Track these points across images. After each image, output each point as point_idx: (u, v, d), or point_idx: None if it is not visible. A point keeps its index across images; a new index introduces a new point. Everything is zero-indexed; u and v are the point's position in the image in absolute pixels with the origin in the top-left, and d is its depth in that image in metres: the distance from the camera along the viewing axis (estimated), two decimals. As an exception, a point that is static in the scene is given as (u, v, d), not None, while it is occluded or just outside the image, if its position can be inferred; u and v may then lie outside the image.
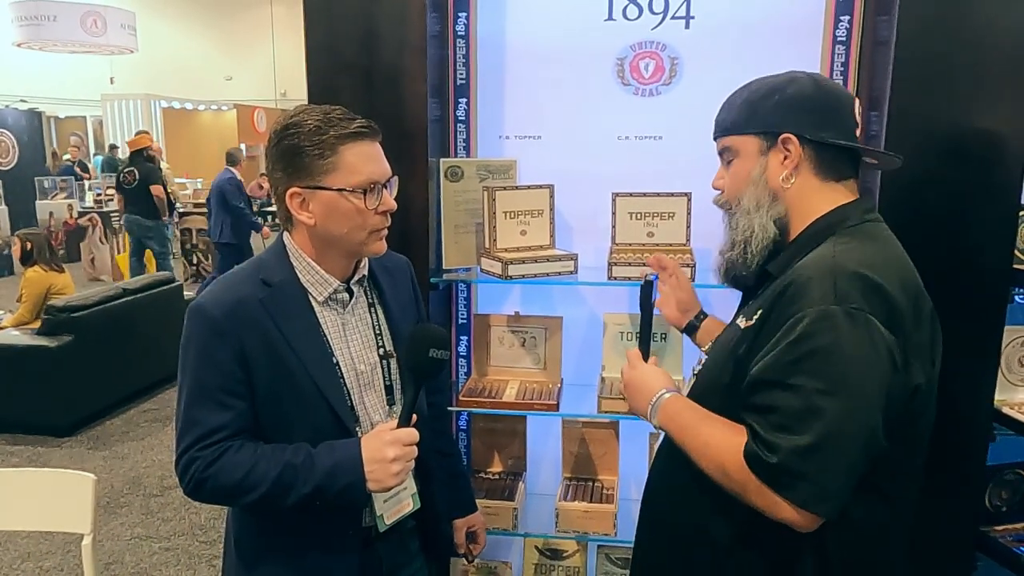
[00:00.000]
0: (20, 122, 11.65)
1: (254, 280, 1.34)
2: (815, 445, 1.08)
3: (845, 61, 2.01)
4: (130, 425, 4.82)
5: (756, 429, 1.13)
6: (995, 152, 1.74)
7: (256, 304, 1.31)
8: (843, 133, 1.26)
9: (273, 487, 1.27)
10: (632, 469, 2.33)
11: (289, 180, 1.31)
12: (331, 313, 1.39)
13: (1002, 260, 1.78)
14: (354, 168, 1.29)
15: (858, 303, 1.10)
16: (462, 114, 2.23)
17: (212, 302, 1.31)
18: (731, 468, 1.15)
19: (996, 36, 1.71)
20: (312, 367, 1.32)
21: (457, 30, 2.17)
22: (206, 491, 1.30)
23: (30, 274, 5.11)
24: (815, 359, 1.09)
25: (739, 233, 1.29)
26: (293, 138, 1.29)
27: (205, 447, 1.28)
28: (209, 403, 1.29)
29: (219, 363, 1.29)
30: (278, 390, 1.31)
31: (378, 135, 1.34)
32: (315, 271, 1.37)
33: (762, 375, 1.14)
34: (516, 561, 2.35)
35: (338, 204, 1.30)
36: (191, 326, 1.32)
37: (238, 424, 1.30)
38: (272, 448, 1.30)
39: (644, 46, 2.13)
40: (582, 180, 2.17)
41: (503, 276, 1.97)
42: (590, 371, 2.25)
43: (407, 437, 1.30)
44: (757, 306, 1.23)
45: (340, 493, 1.28)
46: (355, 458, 1.28)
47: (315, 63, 1.97)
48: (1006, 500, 2.01)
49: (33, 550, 3.34)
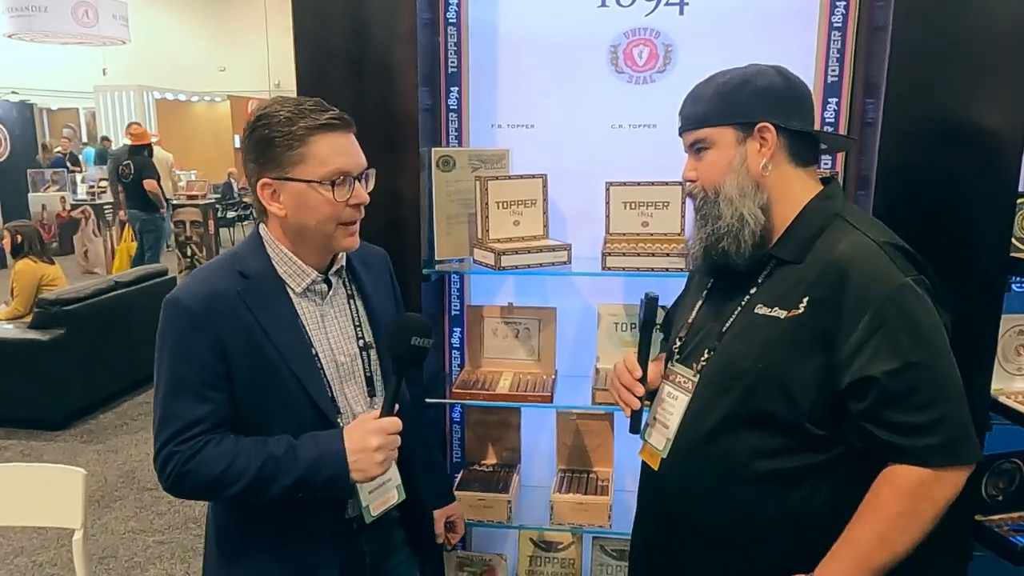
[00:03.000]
0: (12, 114, 11.56)
1: (230, 272, 1.33)
2: (958, 402, 1.18)
3: (841, 47, 1.99)
4: (124, 418, 4.80)
5: (900, 422, 1.17)
6: (993, 139, 1.73)
7: (234, 296, 1.30)
8: (808, 120, 1.32)
9: (255, 479, 1.26)
10: (627, 461, 2.32)
11: (260, 171, 1.30)
12: (309, 304, 1.38)
13: (999, 248, 1.77)
14: (323, 159, 1.28)
15: (914, 271, 1.21)
16: (453, 103, 2.20)
17: (188, 294, 1.29)
18: (906, 500, 1.18)
19: (994, 22, 1.69)
20: (291, 358, 1.31)
21: (448, 17, 2.15)
22: (186, 486, 1.28)
23: (20, 266, 5.08)
24: (919, 332, 1.17)
25: (726, 223, 1.29)
26: (264, 129, 1.29)
27: (184, 441, 1.26)
28: (187, 396, 1.27)
29: (197, 355, 1.27)
30: (258, 382, 1.30)
31: (351, 127, 1.33)
32: (292, 261, 1.36)
33: (887, 365, 1.16)
34: (511, 553, 2.34)
35: (307, 196, 1.29)
36: (167, 319, 1.30)
37: (217, 417, 1.29)
38: (253, 440, 1.29)
39: (638, 33, 2.10)
40: (576, 169, 2.15)
41: (496, 267, 1.95)
42: (584, 362, 2.23)
43: (390, 426, 1.30)
44: (794, 293, 1.23)
45: (324, 484, 1.28)
46: (338, 448, 1.28)
47: (303, 51, 1.94)
48: (1002, 489, 2.00)
49: (26, 545, 3.32)
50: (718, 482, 1.30)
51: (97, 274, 8.67)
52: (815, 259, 1.24)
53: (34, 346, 4.52)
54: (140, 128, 8.10)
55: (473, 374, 2.25)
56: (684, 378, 1.37)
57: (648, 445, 1.43)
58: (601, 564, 2.28)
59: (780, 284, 1.27)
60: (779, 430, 1.24)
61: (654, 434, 1.42)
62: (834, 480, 1.25)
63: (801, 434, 1.23)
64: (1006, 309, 1.84)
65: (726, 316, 1.33)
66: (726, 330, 1.32)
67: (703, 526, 1.33)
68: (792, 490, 1.25)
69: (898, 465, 1.19)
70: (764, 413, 1.25)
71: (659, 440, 1.39)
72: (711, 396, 1.31)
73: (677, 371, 1.39)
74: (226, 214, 11.60)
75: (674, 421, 1.36)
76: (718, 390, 1.30)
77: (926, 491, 1.17)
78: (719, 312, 1.35)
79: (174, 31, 16.63)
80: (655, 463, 1.40)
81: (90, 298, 4.84)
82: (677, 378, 1.39)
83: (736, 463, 1.28)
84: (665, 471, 1.38)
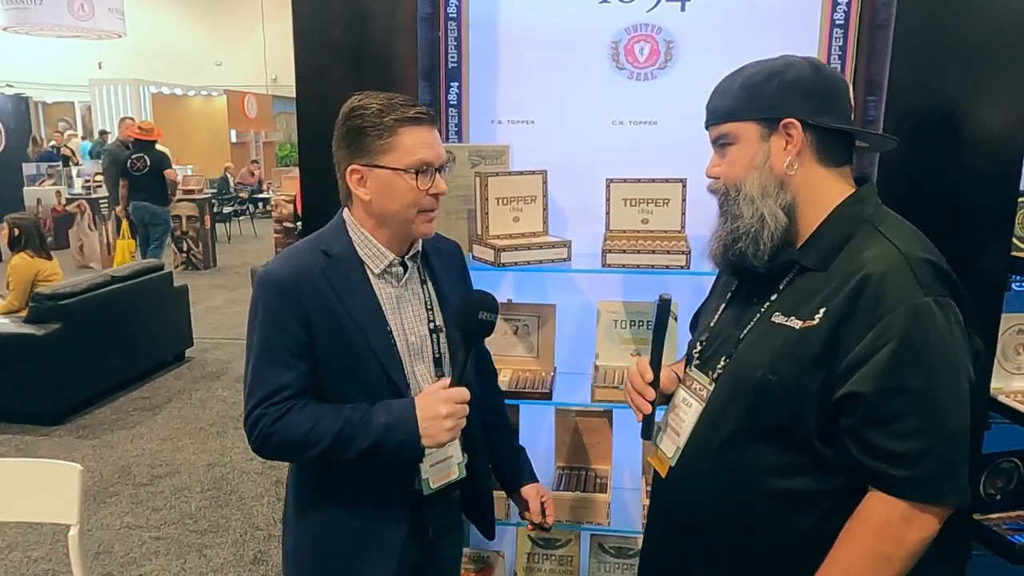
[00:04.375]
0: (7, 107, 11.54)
1: (315, 251, 1.43)
2: (951, 439, 1.10)
3: (843, 44, 1.98)
4: (120, 414, 4.78)
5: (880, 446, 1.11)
6: (994, 137, 1.73)
7: (317, 273, 1.40)
8: (841, 117, 1.24)
9: (334, 442, 1.35)
10: (626, 458, 2.32)
11: (350, 158, 1.40)
12: (386, 285, 1.47)
13: (1000, 247, 1.77)
14: (409, 150, 1.38)
15: (939, 290, 1.13)
16: (453, 98, 2.19)
17: (278, 270, 1.41)
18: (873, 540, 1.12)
19: (996, 19, 1.69)
20: (369, 334, 1.41)
21: (448, 12, 2.13)
22: (272, 445, 1.38)
23: (16, 260, 5.04)
24: (926, 357, 1.10)
25: (745, 222, 1.23)
26: (357, 119, 1.38)
27: (272, 404, 1.36)
28: (276, 363, 1.38)
29: (285, 325, 1.38)
30: (337, 354, 1.40)
31: (436, 122, 1.43)
32: (372, 244, 1.45)
33: (879, 384, 1.10)
34: (509, 551, 2.34)
35: (392, 182, 1.38)
36: (259, 292, 1.41)
37: (301, 383, 1.39)
38: (333, 407, 1.38)
39: (639, 29, 2.10)
40: (576, 166, 2.14)
41: (496, 263, 1.94)
42: (583, 359, 2.23)
43: (459, 395, 1.38)
44: (811, 304, 1.17)
45: (396, 448, 1.36)
46: (410, 415, 1.36)
47: (303, 45, 1.93)
48: (1000, 488, 2.00)
49: (21, 540, 3.31)
50: (724, 497, 1.25)
51: (93, 268, 8.65)
52: (838, 268, 1.17)
53: (29, 341, 4.50)
54: (149, 124, 8.12)
55: (472, 371, 2.24)
56: (700, 385, 1.32)
57: (658, 451, 1.39)
58: (599, 562, 2.28)
59: (800, 292, 1.21)
60: (788, 446, 1.19)
61: (665, 440, 1.37)
62: (845, 511, 1.16)
63: (809, 452, 1.18)
64: (1006, 308, 1.84)
65: (745, 323, 1.27)
66: (743, 337, 1.26)
67: (704, 539, 1.29)
68: (800, 514, 1.20)
69: (874, 495, 1.13)
70: (773, 427, 1.19)
71: (669, 447, 1.35)
72: (723, 406, 1.26)
73: (694, 377, 1.35)
74: (222, 209, 11.58)
75: (686, 429, 1.32)
76: (730, 400, 1.25)
77: (891, 530, 1.11)
78: (739, 318, 1.30)
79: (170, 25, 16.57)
80: (663, 470, 1.36)
81: (86, 293, 4.82)
82: (693, 384, 1.34)
83: (744, 479, 1.22)
84: (672, 479, 1.33)
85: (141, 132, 7.85)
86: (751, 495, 1.22)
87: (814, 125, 1.21)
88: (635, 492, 2.30)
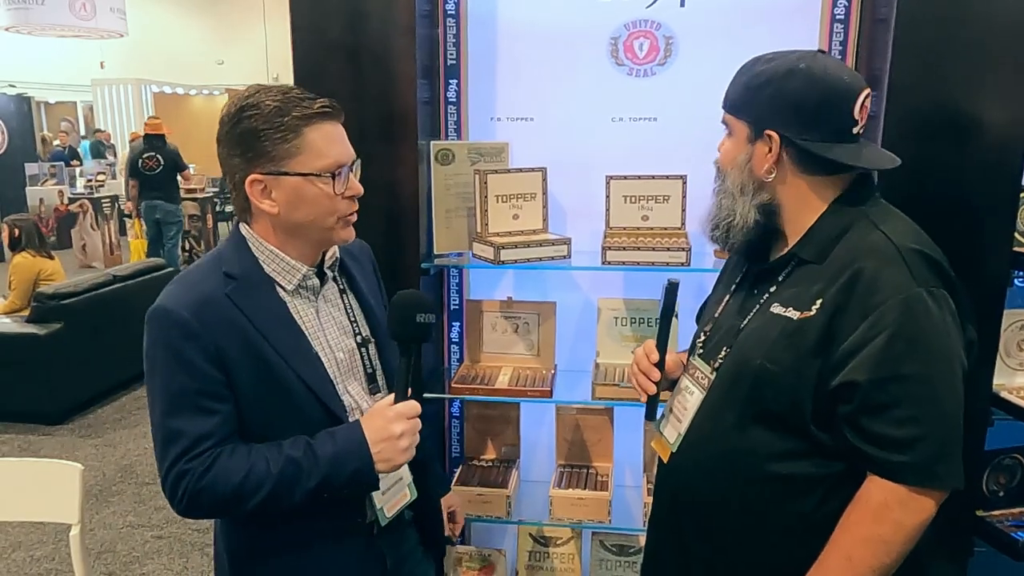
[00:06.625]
0: (9, 108, 11.53)
1: (216, 274, 1.24)
2: (946, 424, 1.13)
3: (844, 40, 1.98)
4: (122, 413, 4.79)
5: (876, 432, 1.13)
6: (996, 133, 1.71)
7: (223, 299, 1.22)
8: (832, 133, 1.22)
9: (276, 486, 1.18)
10: (627, 456, 2.31)
11: (249, 166, 1.21)
12: (302, 302, 1.31)
13: (1002, 243, 1.76)
14: (320, 151, 1.21)
15: (932, 281, 1.15)
16: (452, 95, 2.18)
17: (175, 302, 1.20)
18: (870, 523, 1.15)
19: (997, 14, 1.67)
20: (292, 359, 1.24)
21: (447, 9, 2.13)
22: (203, 504, 1.20)
23: (18, 260, 5.05)
24: (919, 345, 1.12)
25: (722, 214, 1.30)
26: (251, 120, 1.19)
27: (193, 457, 1.18)
28: (189, 411, 1.18)
29: (194, 367, 1.18)
30: (261, 387, 1.23)
31: (341, 115, 1.26)
32: (280, 259, 1.28)
33: (875, 373, 1.12)
34: (510, 549, 2.34)
35: (304, 190, 1.22)
36: (154, 331, 1.21)
37: (225, 429, 1.20)
38: (267, 446, 1.21)
39: (638, 25, 2.09)
40: (575, 163, 2.13)
41: (495, 261, 1.94)
42: (584, 357, 2.22)
43: (410, 410, 1.24)
44: (808, 295, 1.20)
45: (348, 479, 1.21)
46: (359, 440, 1.21)
47: (301, 44, 1.92)
48: (1003, 485, 1.99)
49: (24, 539, 3.31)
50: (724, 481, 1.28)
51: (95, 268, 8.65)
52: (834, 260, 1.20)
53: (32, 340, 4.50)
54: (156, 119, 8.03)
55: (472, 369, 2.24)
56: (702, 374, 1.35)
57: (661, 437, 1.43)
58: (600, 559, 2.28)
59: (798, 284, 1.24)
60: (786, 432, 1.22)
61: (668, 426, 1.41)
62: (843, 496, 1.20)
63: (806, 438, 1.21)
64: (1008, 304, 1.83)
65: (745, 313, 1.31)
66: (743, 327, 1.30)
67: (705, 521, 1.33)
68: (799, 498, 1.23)
69: (872, 481, 1.16)
70: (771, 414, 1.23)
71: (671, 433, 1.39)
72: (724, 394, 1.29)
73: (696, 365, 1.38)
74: (224, 208, 11.57)
75: (687, 416, 1.35)
76: (730, 388, 1.28)
77: (890, 514, 1.14)
78: (741, 309, 1.34)
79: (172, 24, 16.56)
80: (665, 456, 1.40)
81: (88, 292, 4.82)
82: (696, 373, 1.37)
83: (744, 464, 1.26)
84: (673, 465, 1.38)
85: (149, 127, 7.79)
86: (751, 479, 1.25)
87: (794, 142, 1.22)
88: (636, 490, 2.30)
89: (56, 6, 11.02)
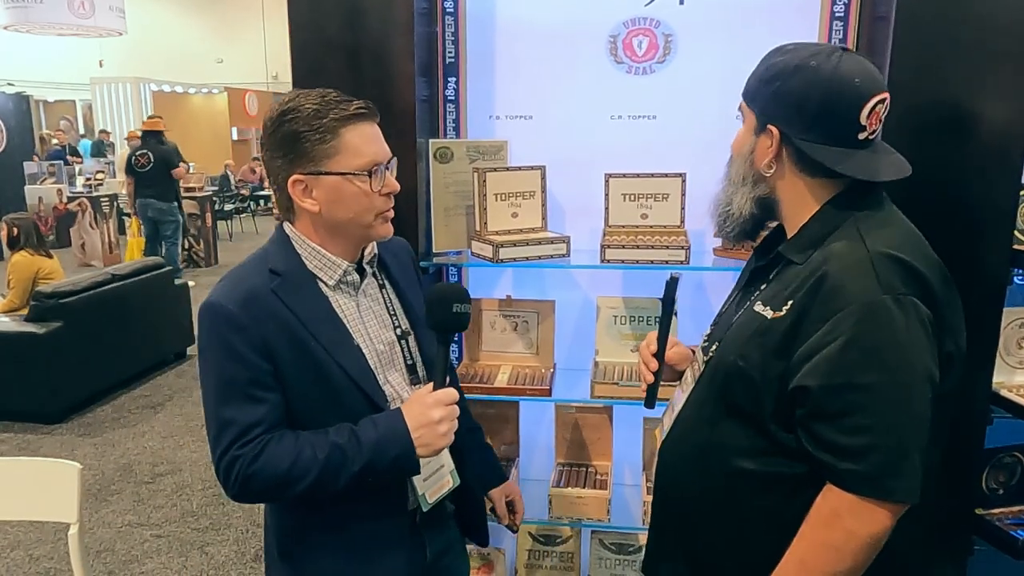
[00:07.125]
0: (8, 106, 11.52)
1: (262, 270, 1.31)
2: (901, 437, 1.10)
3: (843, 38, 1.97)
4: (121, 412, 4.79)
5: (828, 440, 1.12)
6: (996, 131, 1.71)
7: (268, 294, 1.28)
8: (833, 136, 1.20)
9: (322, 472, 1.24)
10: (626, 454, 2.31)
11: (291, 167, 1.27)
12: (343, 297, 1.37)
13: (1002, 241, 1.75)
14: (357, 150, 1.27)
15: (901, 288, 1.11)
16: (451, 94, 2.18)
17: (225, 297, 1.27)
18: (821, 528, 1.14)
19: (997, 12, 1.67)
20: (336, 352, 1.30)
21: (446, 7, 2.12)
22: (254, 488, 1.25)
23: (16, 259, 5.05)
24: (877, 353, 1.10)
25: (722, 202, 1.32)
26: (291, 124, 1.26)
27: (244, 444, 1.24)
28: (239, 400, 1.25)
29: (243, 358, 1.25)
30: (306, 378, 1.29)
31: (376, 116, 1.32)
32: (322, 255, 1.34)
33: (827, 380, 1.11)
34: (509, 547, 2.33)
35: (343, 188, 1.28)
36: (207, 325, 1.28)
37: (273, 417, 1.27)
38: (313, 433, 1.27)
39: (637, 23, 2.08)
40: (574, 161, 2.13)
41: (494, 259, 1.94)
42: (583, 356, 2.22)
43: (448, 397, 1.30)
44: (783, 295, 1.20)
45: (391, 465, 1.27)
46: (401, 427, 1.27)
47: (299, 41, 1.92)
48: (1003, 483, 1.99)
49: (23, 538, 3.31)
50: (696, 472, 1.30)
51: (94, 267, 8.65)
52: (811, 263, 1.19)
53: (30, 339, 4.50)
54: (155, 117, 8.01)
55: (471, 367, 2.24)
56: (699, 366, 1.38)
57: (661, 426, 1.46)
58: (600, 558, 2.28)
59: (780, 284, 1.24)
60: (753, 430, 1.23)
61: (666, 416, 1.44)
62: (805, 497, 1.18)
63: (768, 436, 1.21)
64: (1008, 302, 1.82)
65: (739, 309, 1.33)
66: (733, 323, 1.31)
67: (680, 510, 1.35)
68: (762, 495, 1.23)
69: (828, 487, 1.14)
70: (740, 410, 1.24)
71: (668, 422, 1.42)
72: (705, 387, 1.32)
73: (698, 358, 1.40)
74: (223, 206, 11.58)
75: (678, 407, 1.38)
76: (709, 382, 1.31)
77: (840, 522, 1.12)
78: (738, 304, 1.36)
79: (171, 23, 16.56)
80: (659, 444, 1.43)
81: (87, 291, 4.81)
82: (695, 365, 1.40)
83: (715, 458, 1.27)
84: (662, 452, 1.41)
85: (146, 124, 7.79)
86: (720, 472, 1.27)
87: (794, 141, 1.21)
88: (635, 488, 2.30)
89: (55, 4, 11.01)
